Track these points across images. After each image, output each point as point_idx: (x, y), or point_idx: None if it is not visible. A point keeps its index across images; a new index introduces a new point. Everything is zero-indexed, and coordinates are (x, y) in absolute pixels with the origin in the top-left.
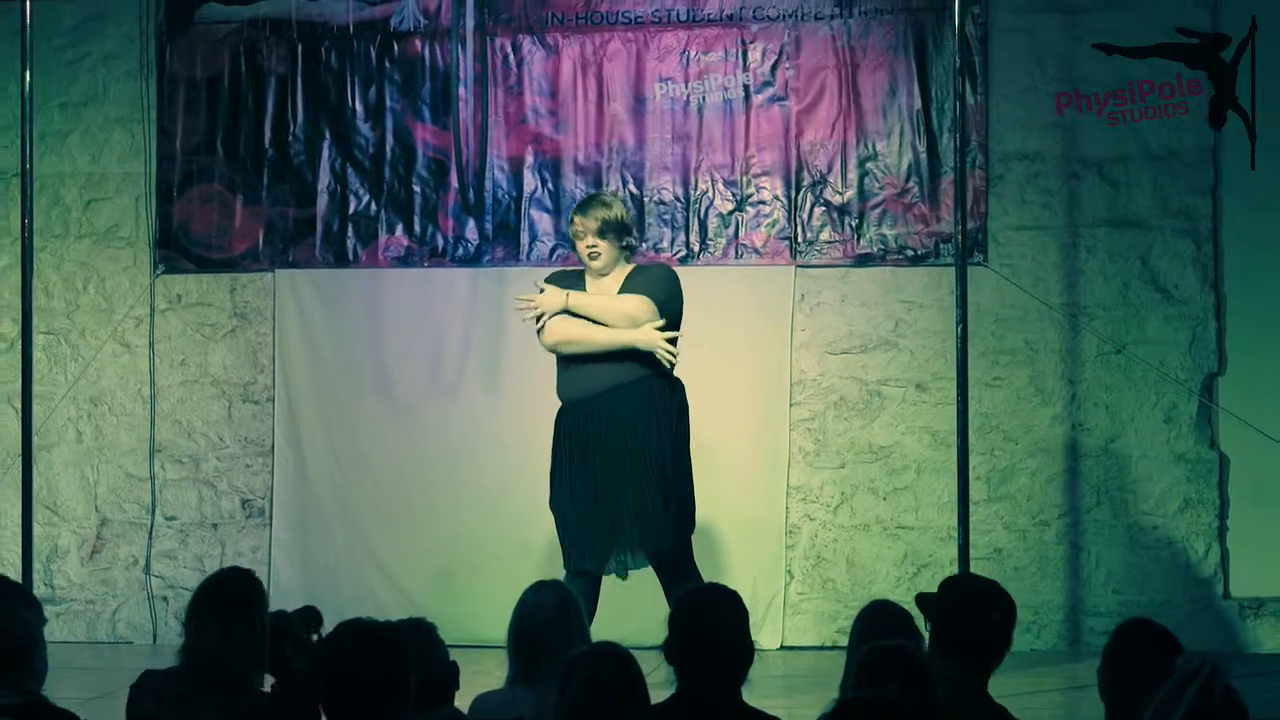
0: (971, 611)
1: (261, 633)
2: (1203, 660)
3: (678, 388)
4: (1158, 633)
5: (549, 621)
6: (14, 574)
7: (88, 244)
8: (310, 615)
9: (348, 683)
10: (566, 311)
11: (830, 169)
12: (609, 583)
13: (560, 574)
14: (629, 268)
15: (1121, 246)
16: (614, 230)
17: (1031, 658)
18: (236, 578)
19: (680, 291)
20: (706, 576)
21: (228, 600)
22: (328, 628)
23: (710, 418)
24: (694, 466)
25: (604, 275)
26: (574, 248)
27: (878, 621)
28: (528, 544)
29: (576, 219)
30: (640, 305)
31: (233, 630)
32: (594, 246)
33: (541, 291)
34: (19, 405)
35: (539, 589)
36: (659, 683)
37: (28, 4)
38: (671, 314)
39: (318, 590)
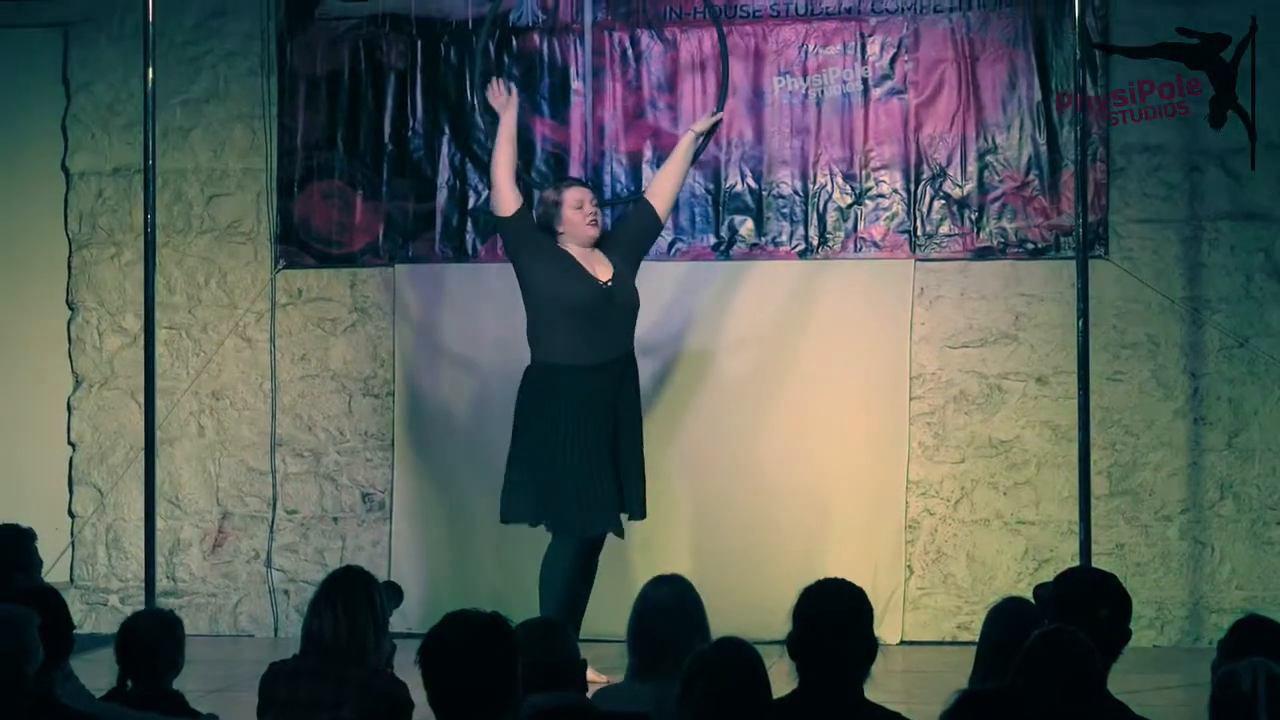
0: (1082, 606)
1: (380, 616)
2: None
3: None
4: (1273, 629)
5: (669, 616)
6: (138, 567)
7: (209, 239)
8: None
9: (450, 672)
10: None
11: (949, 162)
12: (736, 577)
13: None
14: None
15: (1244, 239)
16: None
17: (1154, 654)
18: (350, 570)
19: None
20: (826, 570)
21: (345, 587)
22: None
23: (829, 411)
24: (814, 460)
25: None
26: (559, 219)
27: (1010, 619)
28: (647, 537)
29: (575, 190)
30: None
31: (354, 611)
32: (595, 214)
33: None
34: (142, 400)
35: (659, 583)
36: (780, 676)
37: (150, 2)
38: None
39: (438, 585)
